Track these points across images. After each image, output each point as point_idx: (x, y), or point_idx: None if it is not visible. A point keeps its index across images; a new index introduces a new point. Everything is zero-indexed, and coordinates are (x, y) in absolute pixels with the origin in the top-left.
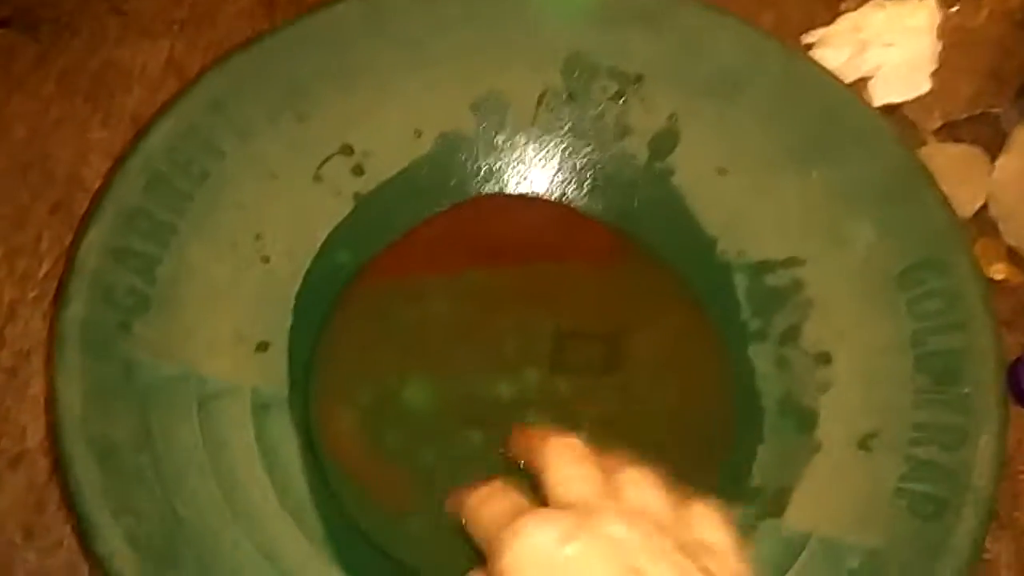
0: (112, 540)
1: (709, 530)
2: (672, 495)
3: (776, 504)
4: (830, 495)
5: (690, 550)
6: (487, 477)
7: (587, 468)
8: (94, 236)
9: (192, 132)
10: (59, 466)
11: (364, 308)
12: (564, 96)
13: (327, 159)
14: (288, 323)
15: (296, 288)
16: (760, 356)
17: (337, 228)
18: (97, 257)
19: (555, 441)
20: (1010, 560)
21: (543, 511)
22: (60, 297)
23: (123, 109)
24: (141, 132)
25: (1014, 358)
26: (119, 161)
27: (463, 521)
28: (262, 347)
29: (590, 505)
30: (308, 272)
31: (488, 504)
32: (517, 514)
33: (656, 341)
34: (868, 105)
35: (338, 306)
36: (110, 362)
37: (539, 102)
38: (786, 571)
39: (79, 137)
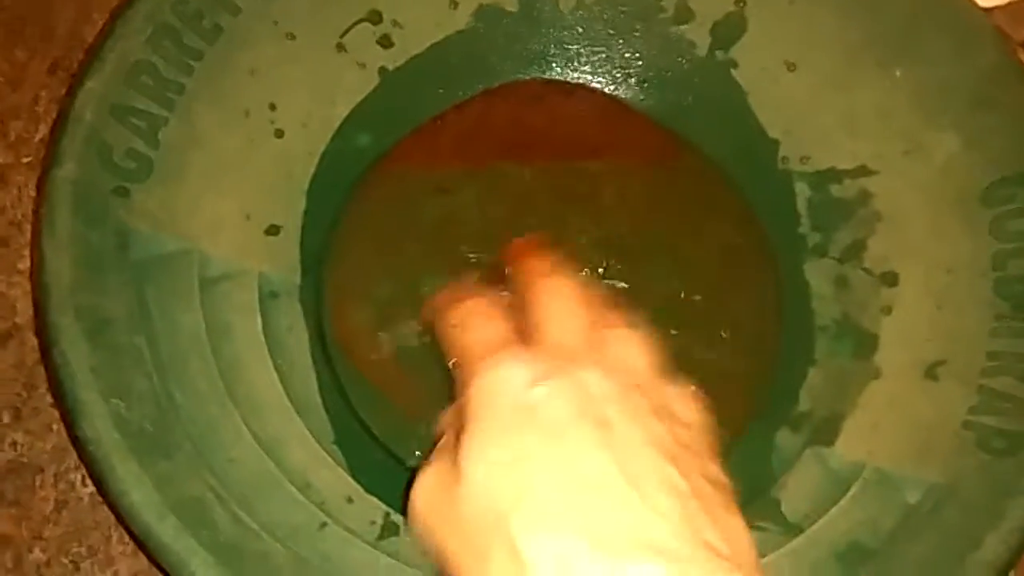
0: (98, 422)
1: (686, 407)
2: (658, 364)
3: (826, 432)
4: (888, 425)
5: (664, 415)
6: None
7: (578, 314)
8: (91, 89)
9: None
10: (44, 340)
11: (384, 196)
12: None
13: (353, 25)
14: (302, 207)
15: (312, 169)
16: (817, 273)
17: (359, 105)
18: (94, 113)
19: (554, 280)
20: None
21: (521, 350)
22: (51, 155)
23: None
24: None
25: None
26: (123, 7)
27: (439, 333)
28: (272, 230)
29: (571, 350)
30: (325, 153)
31: (470, 326)
32: (496, 346)
33: (703, 251)
34: None
35: (356, 192)
36: (105, 230)
37: None
38: (836, 502)
39: None
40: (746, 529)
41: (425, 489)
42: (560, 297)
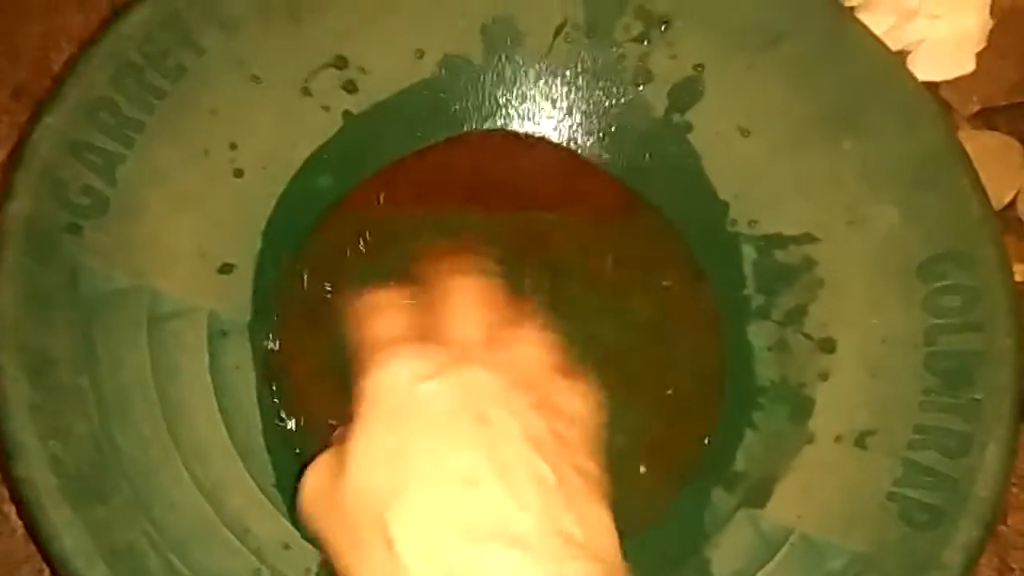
0: (33, 464)
1: (574, 402)
2: (554, 361)
3: (759, 493)
4: (817, 491)
5: (547, 411)
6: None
7: (479, 312)
8: (50, 124)
9: (172, 21)
10: None
11: (341, 239)
12: (584, 30)
13: (318, 70)
14: (257, 246)
15: (269, 210)
16: (759, 335)
17: (321, 148)
18: (51, 148)
19: (458, 279)
20: (992, 574)
21: (414, 346)
22: (6, 189)
23: None
24: (115, 15)
25: None
26: (87, 44)
27: (349, 325)
28: (226, 269)
29: (467, 347)
30: (284, 193)
31: (373, 322)
32: (394, 341)
33: (651, 307)
34: (913, 76)
35: (313, 234)
36: (55, 267)
37: (556, 33)
38: (763, 565)
39: (51, 17)
40: (608, 519)
41: (314, 478)
42: (462, 296)
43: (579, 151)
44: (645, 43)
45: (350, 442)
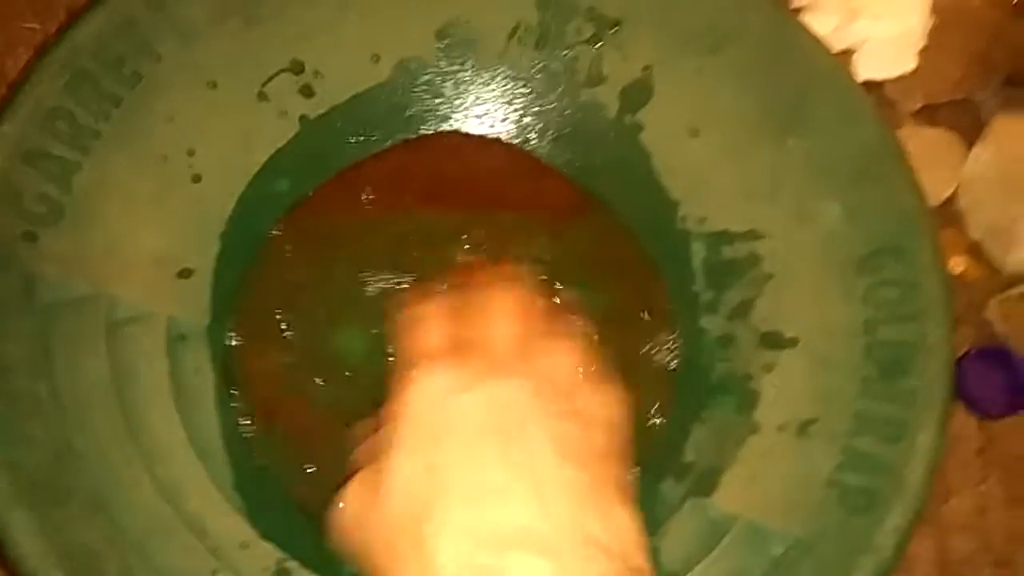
0: None
1: (603, 410)
2: (584, 369)
3: (706, 483)
4: (761, 479)
5: (577, 420)
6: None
7: (513, 325)
8: (5, 133)
9: (127, 28)
10: None
11: (299, 242)
12: (537, 33)
13: (274, 75)
14: (215, 250)
15: (227, 213)
16: (709, 330)
17: (278, 152)
18: (6, 157)
19: (493, 291)
20: (930, 557)
21: (449, 360)
22: None
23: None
24: (69, 22)
25: (960, 353)
26: (41, 52)
27: (394, 331)
28: (184, 273)
29: (500, 359)
30: (242, 197)
31: (411, 333)
32: (431, 354)
33: (603, 304)
34: (853, 77)
35: (271, 237)
36: (10, 275)
37: (509, 37)
38: (709, 551)
39: (8, 25)
40: (635, 524)
41: (352, 497)
42: (498, 308)
43: (533, 152)
44: (597, 45)
45: (386, 457)
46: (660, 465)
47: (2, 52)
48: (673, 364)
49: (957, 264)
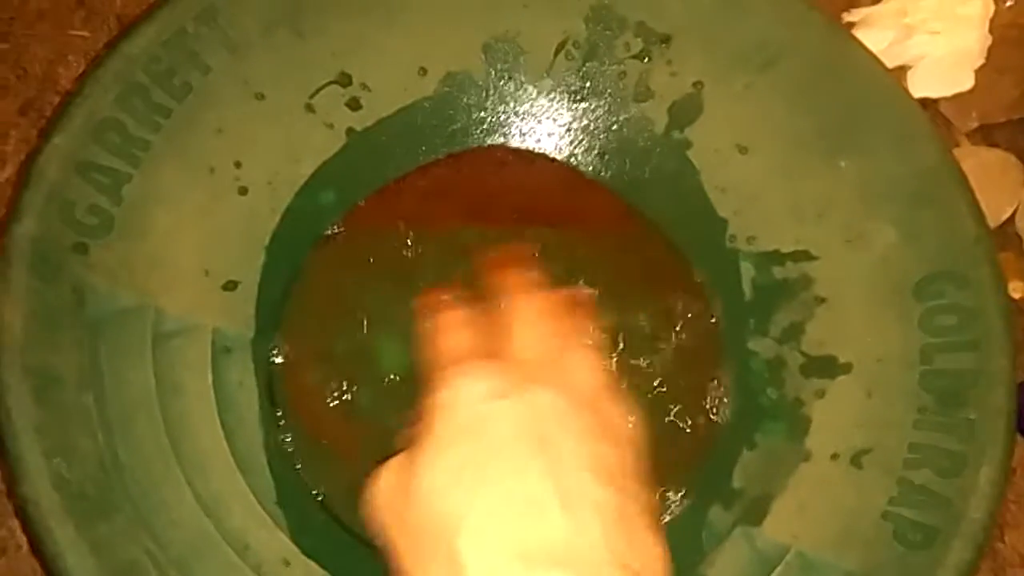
0: (38, 483)
1: (626, 429)
2: (608, 383)
3: (755, 511)
4: (814, 509)
5: (606, 436)
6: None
7: (544, 331)
8: (57, 145)
9: (178, 40)
10: None
11: (344, 255)
12: (585, 48)
13: (322, 87)
14: (261, 262)
15: (273, 225)
16: (758, 352)
17: (324, 164)
18: (58, 169)
19: (525, 297)
20: None
21: (483, 364)
22: (12, 210)
23: (109, 8)
24: (122, 35)
25: (1020, 381)
26: (93, 64)
27: (421, 334)
28: (230, 285)
29: (532, 366)
30: (288, 209)
31: (443, 336)
32: (463, 357)
33: (652, 323)
34: (910, 96)
35: (317, 249)
36: (61, 286)
37: (557, 51)
38: None
39: (58, 33)
40: (660, 547)
41: (386, 479)
42: (529, 314)
43: (580, 167)
44: (646, 60)
45: (420, 455)
46: (708, 491)
47: (53, 60)
48: (722, 388)
49: (1016, 289)
